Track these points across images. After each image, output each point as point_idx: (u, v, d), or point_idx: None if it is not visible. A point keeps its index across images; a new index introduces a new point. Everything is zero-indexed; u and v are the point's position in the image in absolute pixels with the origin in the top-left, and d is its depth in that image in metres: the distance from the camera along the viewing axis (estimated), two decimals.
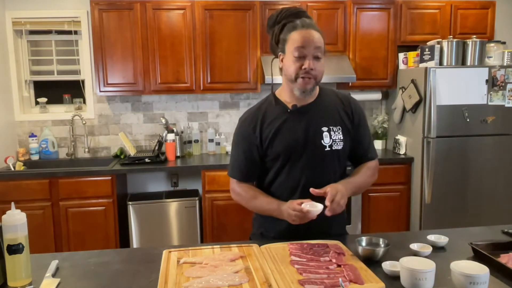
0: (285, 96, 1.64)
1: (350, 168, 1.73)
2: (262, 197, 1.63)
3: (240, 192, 1.68)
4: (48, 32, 3.81)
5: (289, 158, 1.59)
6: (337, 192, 1.46)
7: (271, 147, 1.60)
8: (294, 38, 1.51)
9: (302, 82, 1.53)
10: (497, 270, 1.27)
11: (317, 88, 1.65)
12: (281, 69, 1.62)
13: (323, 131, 1.59)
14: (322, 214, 1.50)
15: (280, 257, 1.37)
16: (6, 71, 3.64)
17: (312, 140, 1.58)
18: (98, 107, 3.84)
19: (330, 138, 1.59)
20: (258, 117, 1.63)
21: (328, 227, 1.64)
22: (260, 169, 1.67)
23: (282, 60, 1.59)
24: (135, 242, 3.39)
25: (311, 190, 1.48)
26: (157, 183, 3.92)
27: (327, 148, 1.59)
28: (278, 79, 1.74)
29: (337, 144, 1.60)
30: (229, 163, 1.73)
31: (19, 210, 1.24)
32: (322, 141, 1.59)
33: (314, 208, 1.42)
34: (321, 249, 1.43)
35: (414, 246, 1.45)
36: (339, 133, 1.61)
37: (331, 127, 1.60)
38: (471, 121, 3.41)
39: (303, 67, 1.51)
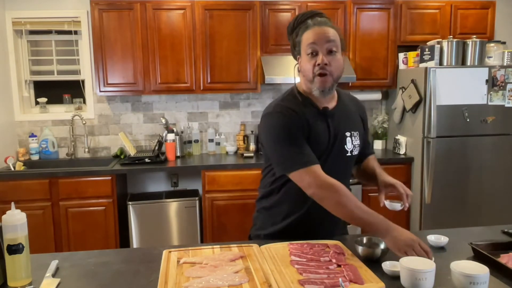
0: (311, 97, 1.57)
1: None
2: (359, 202, 1.44)
3: (337, 187, 1.41)
4: (48, 32, 3.81)
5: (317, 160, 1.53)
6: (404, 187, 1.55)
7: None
8: (306, 37, 1.49)
9: (319, 80, 1.46)
10: (497, 270, 1.27)
11: (335, 91, 1.61)
12: (300, 72, 1.57)
13: (347, 136, 1.57)
14: (329, 217, 1.48)
15: (280, 257, 1.37)
16: (6, 71, 3.64)
17: (338, 145, 1.55)
18: (98, 107, 3.84)
19: (352, 143, 1.58)
20: (297, 111, 1.50)
21: (333, 227, 1.63)
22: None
23: (300, 63, 1.55)
24: (135, 242, 3.39)
25: (386, 201, 1.56)
26: (157, 183, 3.92)
27: (349, 154, 1.58)
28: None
29: (356, 149, 1.60)
30: (280, 162, 1.50)
31: (19, 210, 1.24)
32: (346, 146, 1.57)
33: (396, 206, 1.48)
34: (321, 249, 1.43)
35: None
36: (357, 138, 1.61)
37: (352, 132, 1.59)
38: (471, 121, 3.41)
39: (316, 63, 1.46)
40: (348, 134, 1.57)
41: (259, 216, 1.72)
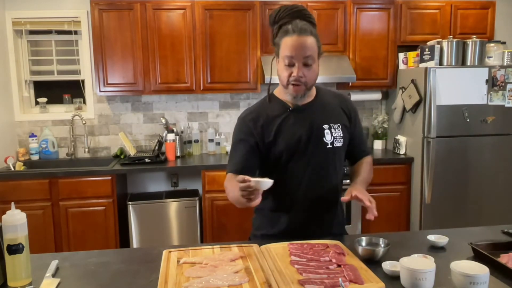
0: (284, 95, 1.64)
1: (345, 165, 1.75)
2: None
3: (227, 185, 1.58)
4: (48, 32, 3.81)
5: (292, 156, 1.58)
6: (366, 195, 1.49)
7: (273, 145, 1.59)
8: (285, 45, 1.51)
9: (293, 88, 1.54)
10: (497, 270, 1.27)
11: (314, 88, 1.66)
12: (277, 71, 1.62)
13: (325, 129, 1.61)
14: (324, 216, 1.50)
15: (280, 257, 1.37)
16: (6, 71, 3.64)
17: (314, 138, 1.59)
18: (98, 107, 3.84)
19: (331, 135, 1.61)
20: (259, 115, 1.62)
21: (329, 226, 1.64)
22: (261, 170, 1.65)
23: (277, 64, 1.59)
24: (135, 242, 3.39)
25: (342, 199, 1.51)
26: (157, 183, 3.92)
27: (329, 145, 1.61)
28: (277, 79, 1.72)
29: (337, 141, 1.62)
30: (227, 163, 1.68)
31: (19, 210, 1.24)
32: (324, 138, 1.60)
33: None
34: (321, 249, 1.43)
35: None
36: (339, 130, 1.63)
37: (331, 125, 1.62)
38: (471, 121, 3.41)
39: (292, 75, 1.52)
40: (326, 126, 1.62)
41: (257, 217, 1.75)
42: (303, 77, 1.51)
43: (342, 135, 1.63)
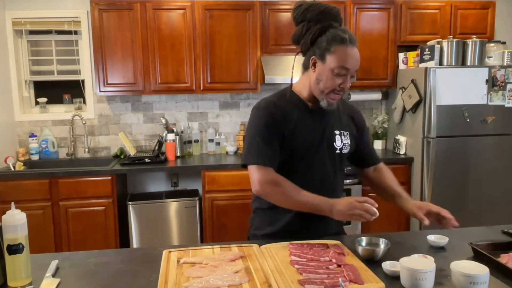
0: (305, 94, 1.61)
1: (350, 168, 1.77)
2: (304, 190, 1.50)
3: (280, 181, 1.50)
4: (48, 32, 3.81)
5: (304, 156, 1.57)
6: (435, 207, 1.54)
7: (288, 141, 1.55)
8: (341, 54, 1.46)
9: (334, 97, 1.53)
10: (497, 270, 1.27)
11: None
12: (304, 67, 1.58)
13: (336, 134, 1.62)
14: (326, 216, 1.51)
15: (280, 257, 1.37)
16: (6, 71, 3.64)
17: (327, 141, 1.60)
18: (98, 107, 3.84)
19: (341, 141, 1.63)
20: (280, 107, 1.57)
21: (330, 226, 1.64)
22: None
23: (314, 64, 1.53)
24: (135, 242, 3.39)
25: (425, 223, 1.51)
26: (157, 183, 3.92)
27: (338, 151, 1.62)
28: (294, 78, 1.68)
29: (346, 147, 1.65)
30: (245, 152, 1.57)
31: (19, 210, 1.24)
32: (335, 143, 1.62)
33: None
34: (321, 249, 1.43)
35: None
36: (347, 138, 1.65)
37: (342, 131, 1.64)
38: (471, 121, 3.40)
39: (341, 86, 1.50)
40: (337, 132, 1.63)
41: (256, 217, 1.74)
42: (346, 87, 1.52)
43: (349, 143, 1.66)
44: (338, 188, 1.70)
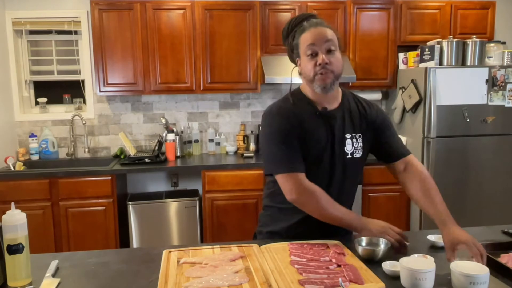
0: (312, 94, 1.58)
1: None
2: (337, 204, 1.49)
3: (315, 190, 1.47)
4: (48, 32, 3.81)
5: (314, 161, 1.54)
6: (472, 246, 1.29)
7: (302, 146, 1.52)
8: (304, 39, 1.50)
9: (320, 77, 1.47)
10: (497, 270, 1.27)
11: (340, 91, 1.62)
12: (301, 74, 1.58)
13: (347, 138, 1.57)
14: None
15: (280, 257, 1.37)
16: (6, 71, 3.64)
17: (337, 146, 1.55)
18: (98, 107, 3.84)
19: (352, 145, 1.58)
20: (294, 112, 1.54)
21: (334, 231, 1.60)
22: None
23: (300, 65, 1.56)
24: (135, 242, 3.39)
25: (449, 259, 1.28)
26: (157, 183, 3.92)
27: (349, 156, 1.57)
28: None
29: (357, 151, 1.59)
30: (269, 161, 1.54)
31: (19, 210, 1.24)
32: (345, 148, 1.57)
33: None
34: (321, 249, 1.43)
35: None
36: (360, 141, 1.59)
37: (353, 135, 1.58)
38: (471, 121, 3.40)
39: (317, 63, 1.47)
40: (348, 136, 1.57)
41: (264, 214, 1.73)
42: (329, 63, 1.46)
43: (362, 145, 1.59)
44: (349, 193, 1.66)
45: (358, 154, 1.59)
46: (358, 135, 1.59)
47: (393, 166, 1.66)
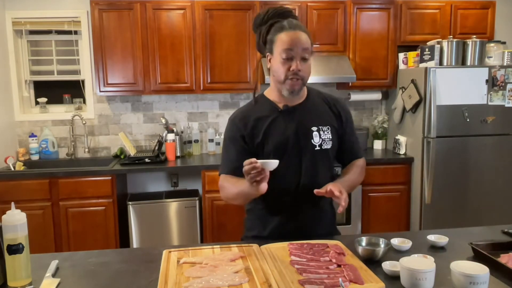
0: (274, 96, 1.65)
1: (338, 167, 1.74)
2: (239, 182, 1.51)
3: (224, 184, 1.62)
4: (48, 32, 3.81)
5: (281, 157, 1.56)
6: (338, 187, 1.46)
7: (262, 146, 1.60)
8: (281, 40, 1.52)
9: (290, 83, 1.54)
10: (497, 270, 1.27)
11: (305, 89, 1.67)
12: (269, 69, 1.63)
13: (313, 131, 1.61)
14: (315, 216, 1.49)
15: (280, 257, 1.37)
16: (6, 71, 3.64)
17: (302, 140, 1.60)
18: (98, 107, 3.84)
19: (320, 137, 1.62)
20: (248, 116, 1.64)
21: (319, 226, 1.64)
22: None
23: (270, 61, 1.60)
24: (135, 242, 3.39)
25: (315, 191, 1.48)
26: (157, 183, 3.92)
27: (317, 148, 1.61)
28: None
29: (326, 143, 1.63)
30: (220, 164, 1.69)
31: (19, 210, 1.24)
32: (312, 140, 1.61)
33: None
34: (321, 249, 1.43)
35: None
36: (328, 132, 1.63)
37: (320, 127, 1.63)
38: (471, 121, 3.40)
39: (291, 69, 1.52)
40: (314, 128, 1.62)
41: (247, 218, 1.76)
42: (301, 71, 1.52)
43: (331, 137, 1.63)
44: (324, 184, 1.64)
45: (327, 146, 1.63)
46: (326, 127, 1.64)
47: (342, 163, 1.76)
